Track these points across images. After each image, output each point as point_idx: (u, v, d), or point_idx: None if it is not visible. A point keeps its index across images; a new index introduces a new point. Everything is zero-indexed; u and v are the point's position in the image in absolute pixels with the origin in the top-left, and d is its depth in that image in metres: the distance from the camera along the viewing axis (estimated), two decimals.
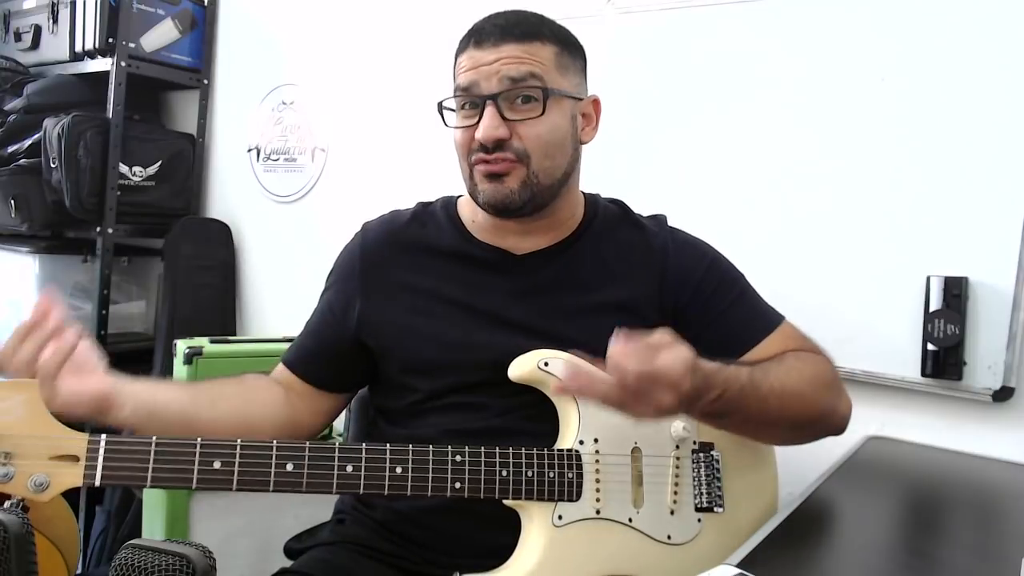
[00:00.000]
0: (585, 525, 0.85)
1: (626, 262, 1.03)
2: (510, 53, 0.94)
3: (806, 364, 0.96)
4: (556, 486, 0.89)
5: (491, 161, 0.94)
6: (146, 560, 0.51)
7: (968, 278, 1.21)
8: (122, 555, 0.51)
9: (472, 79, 0.94)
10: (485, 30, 0.96)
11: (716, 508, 0.96)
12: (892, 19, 1.28)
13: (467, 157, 0.97)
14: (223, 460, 0.80)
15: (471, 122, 0.95)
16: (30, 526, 0.57)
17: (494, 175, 0.95)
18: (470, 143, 0.95)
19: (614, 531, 0.91)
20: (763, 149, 1.41)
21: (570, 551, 0.88)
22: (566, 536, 0.88)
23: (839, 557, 0.81)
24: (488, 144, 0.93)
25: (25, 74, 2.36)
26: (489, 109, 0.93)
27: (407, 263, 1.04)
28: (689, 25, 1.48)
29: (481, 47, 0.95)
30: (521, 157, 0.94)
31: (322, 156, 2.13)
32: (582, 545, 0.88)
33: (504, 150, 0.94)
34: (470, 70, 0.94)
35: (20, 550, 0.56)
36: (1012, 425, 1.20)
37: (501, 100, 0.93)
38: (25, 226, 2.19)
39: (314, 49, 2.16)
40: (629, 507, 0.92)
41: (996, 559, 0.81)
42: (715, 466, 0.97)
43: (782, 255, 1.39)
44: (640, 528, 0.92)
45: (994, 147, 1.20)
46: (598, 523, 0.89)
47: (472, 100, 0.95)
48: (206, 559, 0.51)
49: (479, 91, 0.94)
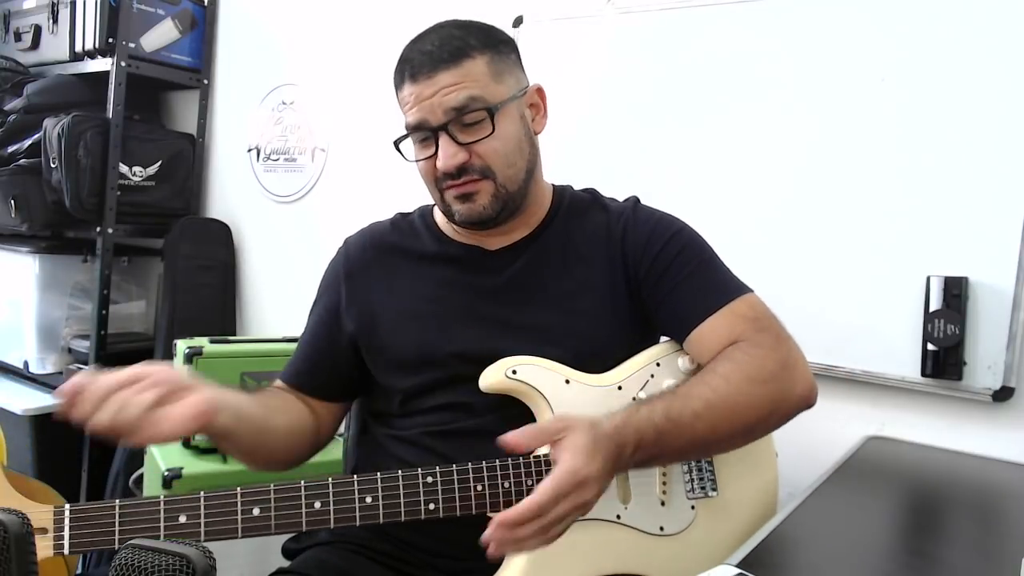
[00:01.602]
0: (571, 528, 0.85)
1: (592, 244, 1.04)
2: (445, 82, 0.95)
3: (738, 364, 0.91)
4: None
5: (459, 184, 0.97)
6: (146, 560, 0.51)
7: (968, 278, 1.21)
8: (122, 555, 0.51)
9: (418, 117, 0.96)
10: (415, 61, 0.97)
11: (710, 492, 0.96)
12: (892, 19, 1.28)
13: (435, 184, 1.00)
14: (188, 514, 0.78)
15: (430, 152, 0.98)
16: (30, 526, 0.57)
17: (464, 196, 0.98)
18: (434, 172, 0.98)
19: (602, 530, 0.91)
20: (763, 149, 1.41)
21: (558, 555, 0.86)
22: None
23: (839, 557, 0.81)
24: (450, 172, 0.96)
25: (25, 74, 2.36)
26: (443, 139, 0.95)
27: (388, 265, 1.07)
28: (689, 25, 1.48)
29: (416, 81, 0.96)
30: (485, 173, 0.97)
31: (322, 156, 2.13)
32: (570, 548, 0.87)
33: (468, 173, 0.96)
34: (414, 107, 0.96)
35: (20, 550, 0.56)
36: (1012, 425, 1.20)
37: (451, 128, 0.95)
38: (25, 226, 2.20)
39: (314, 49, 2.16)
40: (616, 504, 0.92)
41: (996, 559, 0.81)
42: None
43: (782, 255, 1.39)
44: (630, 524, 0.92)
45: (994, 147, 1.20)
46: (585, 524, 0.87)
47: (424, 135, 0.98)
48: (206, 559, 0.51)
49: (428, 125, 0.96)
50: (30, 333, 2.27)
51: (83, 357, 2.23)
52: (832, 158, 1.34)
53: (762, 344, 0.93)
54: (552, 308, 1.00)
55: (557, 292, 1.01)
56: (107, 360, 2.21)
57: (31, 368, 2.28)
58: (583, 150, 1.57)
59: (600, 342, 0.99)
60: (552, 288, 1.02)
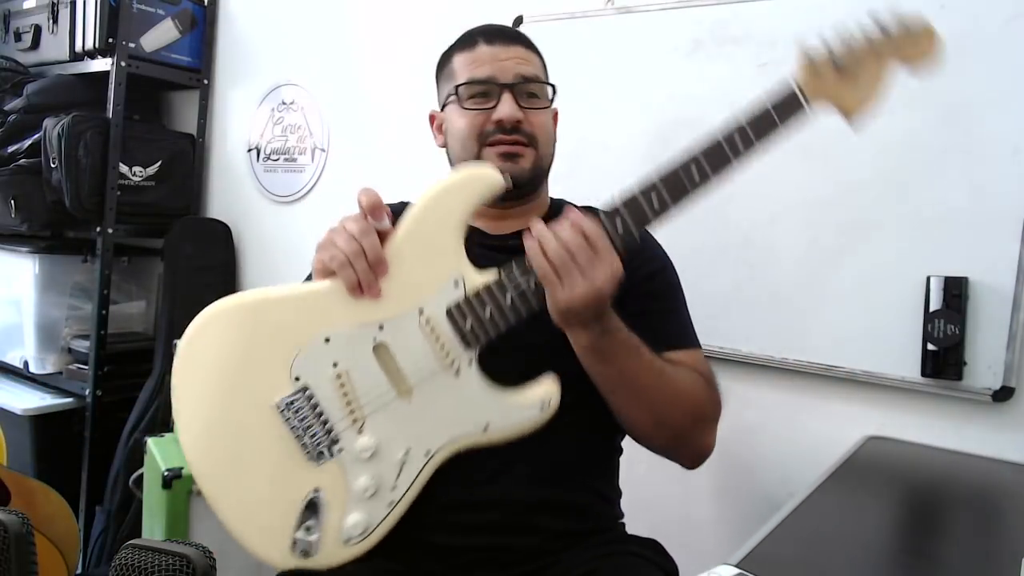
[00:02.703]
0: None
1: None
2: (520, 54, 1.06)
3: (695, 384, 0.99)
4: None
5: (508, 142, 1.03)
6: (146, 560, 0.51)
7: (968, 278, 1.21)
8: (122, 555, 0.51)
9: (488, 72, 1.04)
10: (491, 31, 1.08)
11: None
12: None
13: (477, 139, 1.04)
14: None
15: (486, 106, 1.04)
16: (30, 526, 0.57)
17: (511, 155, 1.03)
18: (482, 126, 1.03)
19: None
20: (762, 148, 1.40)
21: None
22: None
23: (839, 557, 0.81)
24: (509, 124, 1.02)
25: (25, 74, 2.36)
26: (508, 96, 1.03)
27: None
28: (689, 25, 1.48)
29: (492, 44, 1.06)
30: (531, 141, 1.04)
31: (322, 156, 2.13)
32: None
33: (519, 133, 1.03)
34: (486, 63, 1.04)
35: (20, 550, 0.56)
36: (1012, 425, 1.20)
37: (516, 90, 1.03)
38: (25, 226, 2.20)
39: (314, 49, 2.16)
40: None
41: (996, 559, 0.81)
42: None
43: (782, 255, 1.39)
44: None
45: (994, 147, 1.20)
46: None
47: (487, 89, 1.04)
48: (206, 559, 0.51)
49: (496, 80, 1.04)
50: (30, 333, 2.27)
51: (83, 357, 2.23)
52: (832, 157, 1.33)
53: (713, 394, 1.02)
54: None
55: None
56: (107, 360, 2.21)
57: (31, 368, 2.28)
58: (582, 150, 1.57)
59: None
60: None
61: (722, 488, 1.45)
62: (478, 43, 1.06)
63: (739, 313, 1.42)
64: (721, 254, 1.44)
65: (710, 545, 1.45)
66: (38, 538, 0.70)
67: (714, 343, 1.41)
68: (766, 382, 1.41)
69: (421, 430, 0.90)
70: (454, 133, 1.07)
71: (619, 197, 0.90)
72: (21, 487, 1.69)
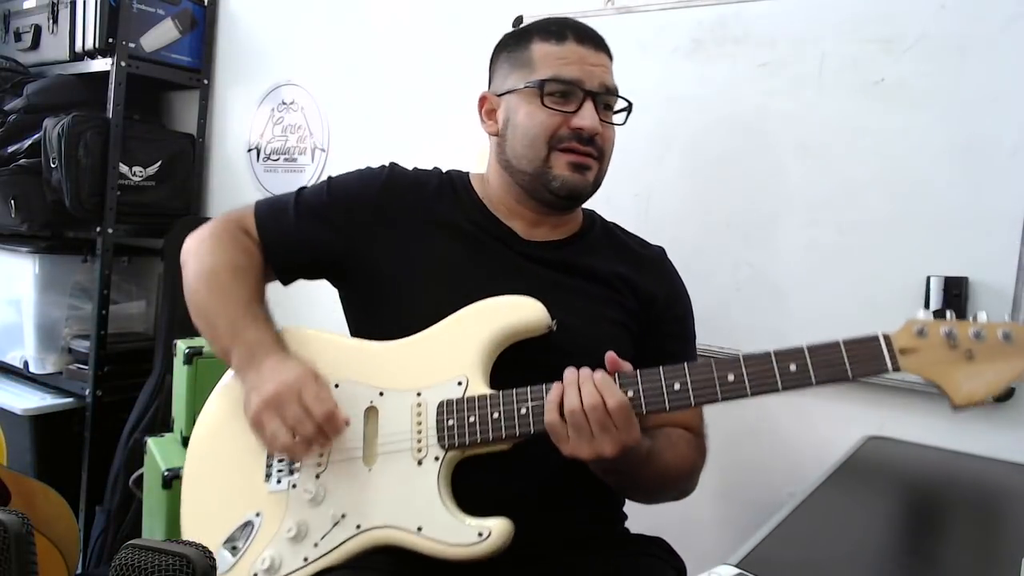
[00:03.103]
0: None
1: (623, 264, 1.08)
2: (605, 63, 1.03)
3: (690, 454, 1.02)
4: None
5: (582, 152, 1.00)
6: (146, 560, 0.51)
7: (968, 278, 1.21)
8: (122, 555, 0.51)
9: (578, 75, 0.99)
10: (583, 30, 1.02)
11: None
12: (892, 19, 1.28)
13: (549, 142, 1.00)
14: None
15: (567, 109, 0.99)
16: (30, 526, 0.57)
17: (580, 166, 1.00)
18: (557, 128, 0.99)
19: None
20: (763, 148, 1.41)
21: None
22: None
23: (839, 557, 0.81)
24: (589, 134, 0.99)
25: (25, 74, 2.36)
26: (590, 103, 0.99)
27: (418, 223, 1.06)
28: (689, 25, 1.48)
29: (583, 45, 1.00)
30: (601, 155, 1.02)
31: (322, 156, 2.13)
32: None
33: (592, 144, 1.00)
34: (575, 64, 0.99)
35: (20, 550, 0.56)
36: (1012, 425, 1.20)
37: (597, 100, 1.00)
38: (25, 226, 2.19)
39: (314, 49, 2.16)
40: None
41: (996, 559, 0.81)
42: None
43: (782, 254, 1.39)
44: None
45: (995, 147, 1.20)
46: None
47: (570, 91, 0.99)
48: (206, 559, 0.51)
49: (583, 86, 0.99)
50: (30, 333, 2.27)
51: (83, 357, 2.23)
52: (832, 158, 1.34)
53: (702, 445, 1.05)
54: (578, 310, 1.00)
55: (585, 296, 1.03)
56: (107, 360, 2.21)
57: (31, 368, 2.28)
58: None
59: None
60: (580, 290, 1.04)
61: (722, 488, 1.45)
62: (568, 38, 1.00)
63: (739, 313, 1.42)
64: (721, 254, 1.44)
65: (710, 545, 1.45)
66: (38, 538, 0.70)
67: (714, 343, 1.41)
68: None
69: (363, 500, 0.91)
70: (521, 127, 1.02)
71: (652, 374, 0.86)
72: (21, 487, 1.69)
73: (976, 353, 0.77)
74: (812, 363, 0.80)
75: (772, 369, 0.81)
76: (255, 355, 0.95)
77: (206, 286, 1.03)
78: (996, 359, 0.77)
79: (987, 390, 0.77)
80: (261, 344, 0.96)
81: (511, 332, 0.93)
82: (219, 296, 1.02)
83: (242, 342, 0.97)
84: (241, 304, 1.00)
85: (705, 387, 0.83)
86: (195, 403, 1.59)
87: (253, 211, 1.11)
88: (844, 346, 0.80)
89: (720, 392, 0.82)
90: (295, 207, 1.09)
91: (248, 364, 0.95)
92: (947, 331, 0.79)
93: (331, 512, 0.90)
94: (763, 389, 0.81)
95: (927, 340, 0.79)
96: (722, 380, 0.82)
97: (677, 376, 0.84)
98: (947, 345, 0.79)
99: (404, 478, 0.90)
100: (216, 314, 1.01)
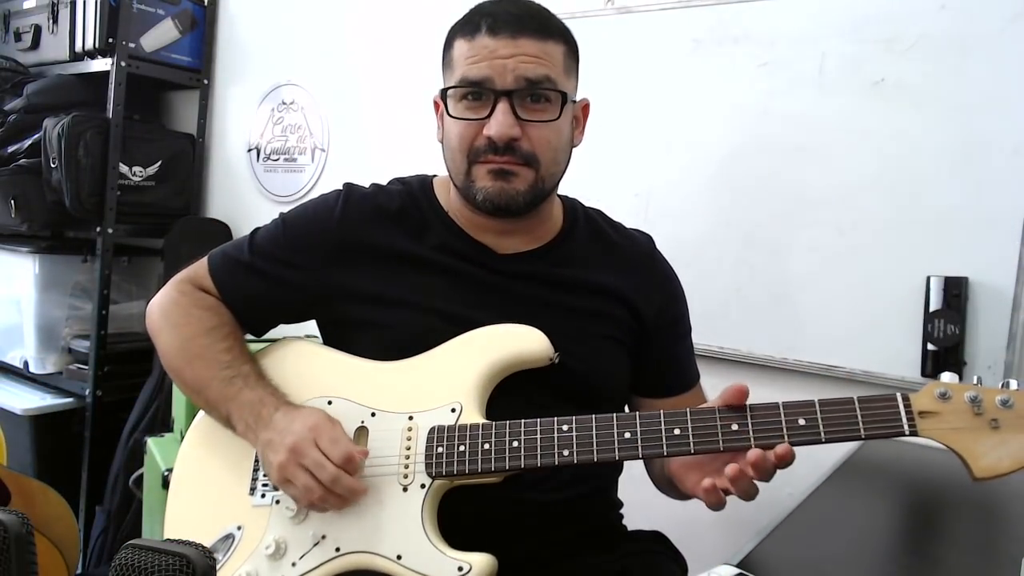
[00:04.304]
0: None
1: (610, 271, 1.01)
2: (527, 50, 0.87)
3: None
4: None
5: (500, 160, 0.89)
6: (146, 560, 0.50)
7: (968, 278, 1.21)
8: (122, 555, 0.51)
9: (485, 73, 0.88)
10: (498, 16, 0.88)
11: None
12: (892, 19, 1.28)
13: (466, 154, 0.91)
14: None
15: (478, 115, 0.89)
16: (30, 526, 0.57)
17: (503, 172, 0.89)
18: (473, 138, 0.90)
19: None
20: (763, 148, 1.41)
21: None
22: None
23: (839, 557, 0.81)
24: (500, 143, 0.88)
25: (25, 74, 2.36)
26: (503, 106, 0.87)
27: (383, 249, 0.99)
28: (689, 25, 1.48)
29: (496, 36, 0.87)
30: (529, 161, 0.90)
31: (322, 156, 2.13)
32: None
33: (513, 153, 0.89)
34: (482, 61, 0.88)
35: (20, 550, 0.56)
36: None
37: (516, 97, 0.88)
38: (25, 226, 2.20)
39: (314, 49, 2.16)
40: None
41: (996, 559, 0.81)
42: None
43: (783, 255, 1.39)
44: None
45: (995, 147, 1.20)
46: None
47: (482, 92, 0.89)
48: (206, 559, 0.51)
49: (492, 85, 0.88)
50: (30, 333, 2.27)
51: (83, 357, 2.23)
52: (832, 158, 1.34)
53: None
54: (564, 330, 0.93)
55: (570, 312, 0.97)
56: (107, 360, 2.21)
57: (31, 368, 2.28)
58: (582, 150, 1.57)
59: (605, 374, 0.98)
60: (561, 303, 0.97)
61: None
62: (480, 30, 0.88)
63: (739, 313, 1.42)
64: (721, 254, 1.44)
65: (710, 545, 1.45)
66: (38, 538, 0.70)
67: (714, 343, 1.42)
68: (766, 382, 1.41)
69: (345, 523, 0.88)
70: (446, 138, 0.95)
71: (651, 416, 0.82)
72: (21, 487, 1.69)
73: (1003, 422, 0.73)
74: (822, 419, 0.77)
75: (780, 422, 0.78)
76: (260, 415, 0.90)
77: (183, 359, 0.97)
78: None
79: (1012, 464, 0.72)
80: (262, 402, 0.91)
81: (511, 363, 0.90)
82: (199, 365, 0.96)
83: (239, 405, 0.92)
84: (223, 366, 0.94)
85: (707, 436, 0.80)
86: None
87: (207, 269, 1.03)
88: (858, 404, 0.76)
89: (722, 442, 0.79)
90: (250, 256, 1.03)
91: (256, 424, 0.90)
92: (972, 396, 0.74)
93: (311, 532, 0.88)
94: (768, 444, 0.78)
95: (950, 404, 0.74)
96: (725, 429, 0.80)
97: (678, 422, 0.81)
98: (971, 412, 0.74)
99: (388, 504, 0.87)
100: (203, 385, 0.95)
